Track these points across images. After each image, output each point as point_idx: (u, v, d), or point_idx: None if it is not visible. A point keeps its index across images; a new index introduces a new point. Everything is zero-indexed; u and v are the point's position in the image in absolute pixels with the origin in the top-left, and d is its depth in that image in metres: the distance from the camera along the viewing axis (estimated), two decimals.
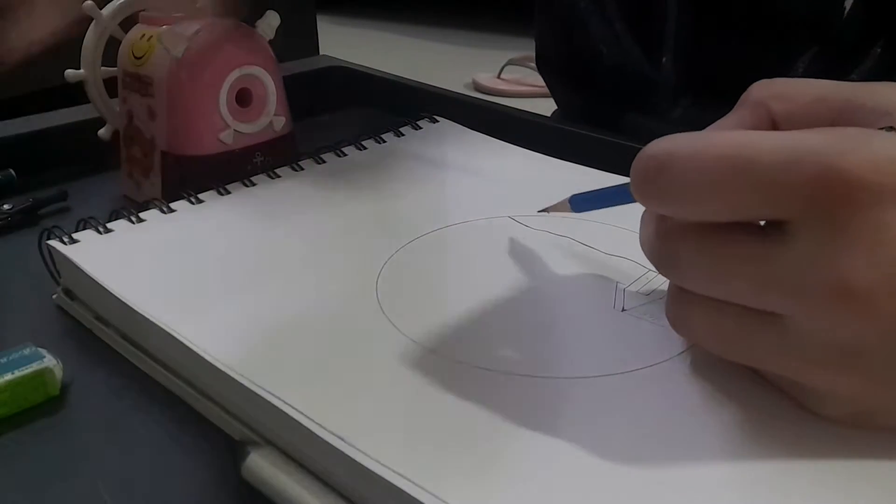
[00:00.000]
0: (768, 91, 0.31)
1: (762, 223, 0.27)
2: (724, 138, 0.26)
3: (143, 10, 0.49)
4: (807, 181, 0.24)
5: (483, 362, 0.31)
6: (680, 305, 0.29)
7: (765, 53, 0.54)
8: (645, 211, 0.31)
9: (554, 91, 0.71)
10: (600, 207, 0.36)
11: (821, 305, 0.25)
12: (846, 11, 0.52)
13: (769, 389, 0.29)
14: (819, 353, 0.26)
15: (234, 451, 0.30)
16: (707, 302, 0.28)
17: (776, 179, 0.25)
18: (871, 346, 0.25)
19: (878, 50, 0.52)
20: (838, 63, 0.54)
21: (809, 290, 0.25)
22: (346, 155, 0.47)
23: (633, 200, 0.30)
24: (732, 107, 0.32)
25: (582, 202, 0.37)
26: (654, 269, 0.30)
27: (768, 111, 0.31)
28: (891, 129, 0.27)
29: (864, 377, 0.26)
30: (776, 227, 0.26)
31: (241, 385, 0.30)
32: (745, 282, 0.26)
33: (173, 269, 0.38)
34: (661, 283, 0.36)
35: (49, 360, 0.34)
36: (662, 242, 0.29)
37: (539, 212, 0.39)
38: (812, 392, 0.27)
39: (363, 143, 0.48)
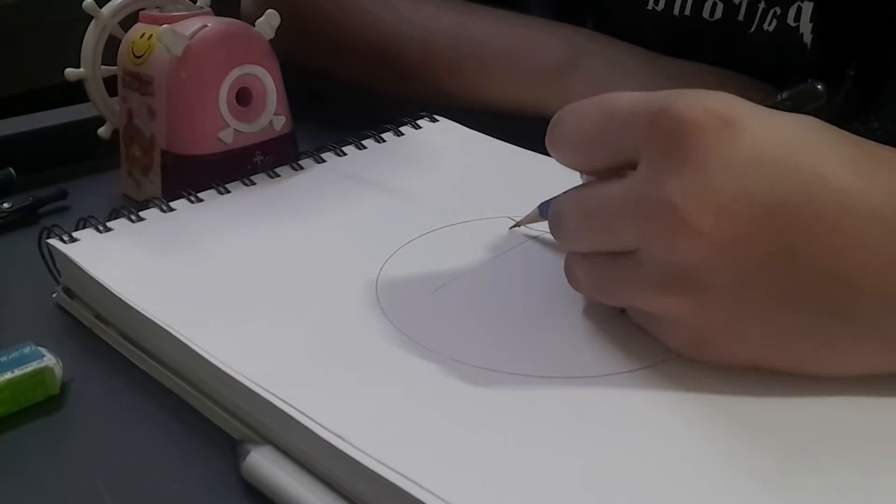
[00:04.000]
0: None
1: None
2: (600, 97, 0.31)
3: (144, 9, 0.49)
4: (646, 121, 0.29)
5: (483, 362, 0.31)
6: (568, 262, 0.34)
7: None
8: None
9: None
10: None
11: (652, 227, 0.28)
12: (808, 46, 0.52)
13: (769, 389, 0.29)
14: (658, 278, 0.29)
15: (234, 450, 0.30)
16: (585, 255, 0.32)
17: (626, 124, 0.30)
18: (697, 266, 0.28)
19: (852, 72, 0.53)
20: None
21: (643, 213, 0.29)
22: (345, 154, 0.47)
23: None
24: None
25: None
26: None
27: None
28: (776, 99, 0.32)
29: (696, 299, 0.29)
30: (631, 171, 0.30)
31: (241, 384, 0.30)
32: (606, 221, 0.30)
33: (173, 268, 0.38)
34: None
35: (49, 359, 0.34)
36: (554, 204, 0.33)
37: (511, 228, 0.40)
38: (659, 320, 0.31)
39: (363, 142, 0.48)
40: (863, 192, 0.28)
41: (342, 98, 0.64)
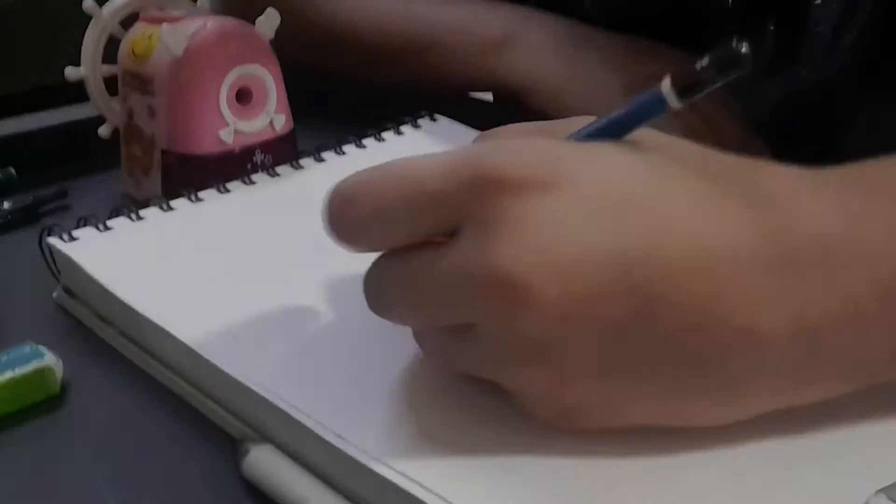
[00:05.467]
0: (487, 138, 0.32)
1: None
2: (393, 166, 0.28)
3: (144, 9, 0.49)
4: (460, 187, 0.26)
5: None
6: (413, 333, 0.30)
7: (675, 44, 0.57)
8: None
9: None
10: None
11: (487, 302, 0.25)
12: (730, 2, 0.54)
13: None
14: (506, 352, 0.26)
15: (234, 449, 0.30)
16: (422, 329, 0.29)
17: (438, 193, 0.26)
18: (547, 338, 0.25)
19: (772, 27, 0.54)
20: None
21: (475, 288, 0.25)
22: (345, 153, 0.47)
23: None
24: None
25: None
26: None
27: None
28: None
29: (553, 369, 0.26)
30: (452, 239, 0.27)
31: (241, 383, 0.30)
32: (432, 296, 0.27)
33: (173, 267, 0.38)
34: None
35: (49, 359, 0.34)
36: (371, 280, 0.29)
37: None
38: (518, 393, 0.27)
39: (363, 141, 0.48)
40: (715, 229, 0.26)
41: (342, 97, 0.64)
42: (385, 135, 0.49)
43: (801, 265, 0.26)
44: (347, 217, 0.28)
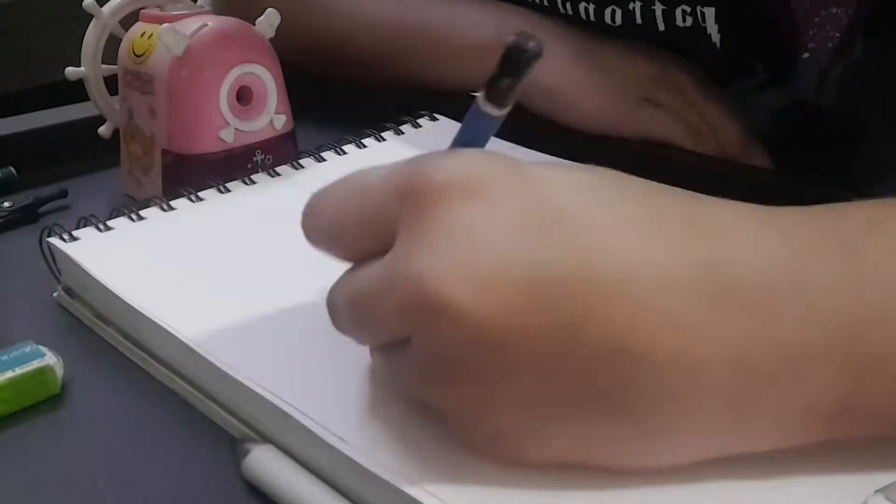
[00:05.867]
0: None
1: None
2: (350, 175, 0.28)
3: (144, 8, 0.49)
4: (397, 193, 0.26)
5: None
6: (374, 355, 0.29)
7: None
8: None
9: None
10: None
11: (409, 313, 0.24)
12: (718, 45, 0.55)
13: None
14: (432, 367, 0.25)
15: (234, 449, 0.30)
16: (378, 347, 0.28)
17: (379, 200, 0.26)
18: (464, 352, 0.24)
19: (760, 67, 0.57)
20: (728, 80, 0.58)
21: (397, 299, 0.24)
22: (346, 153, 0.48)
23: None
24: None
25: None
26: None
27: None
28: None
29: (476, 388, 0.24)
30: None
31: (241, 383, 0.30)
32: (371, 310, 0.26)
33: (173, 267, 0.38)
34: None
35: (50, 358, 0.34)
36: (329, 300, 0.29)
37: None
38: (448, 415, 0.26)
39: (363, 141, 0.48)
40: (648, 253, 0.24)
41: (343, 97, 0.64)
42: (385, 135, 0.49)
43: (741, 298, 0.24)
44: (311, 229, 0.29)
